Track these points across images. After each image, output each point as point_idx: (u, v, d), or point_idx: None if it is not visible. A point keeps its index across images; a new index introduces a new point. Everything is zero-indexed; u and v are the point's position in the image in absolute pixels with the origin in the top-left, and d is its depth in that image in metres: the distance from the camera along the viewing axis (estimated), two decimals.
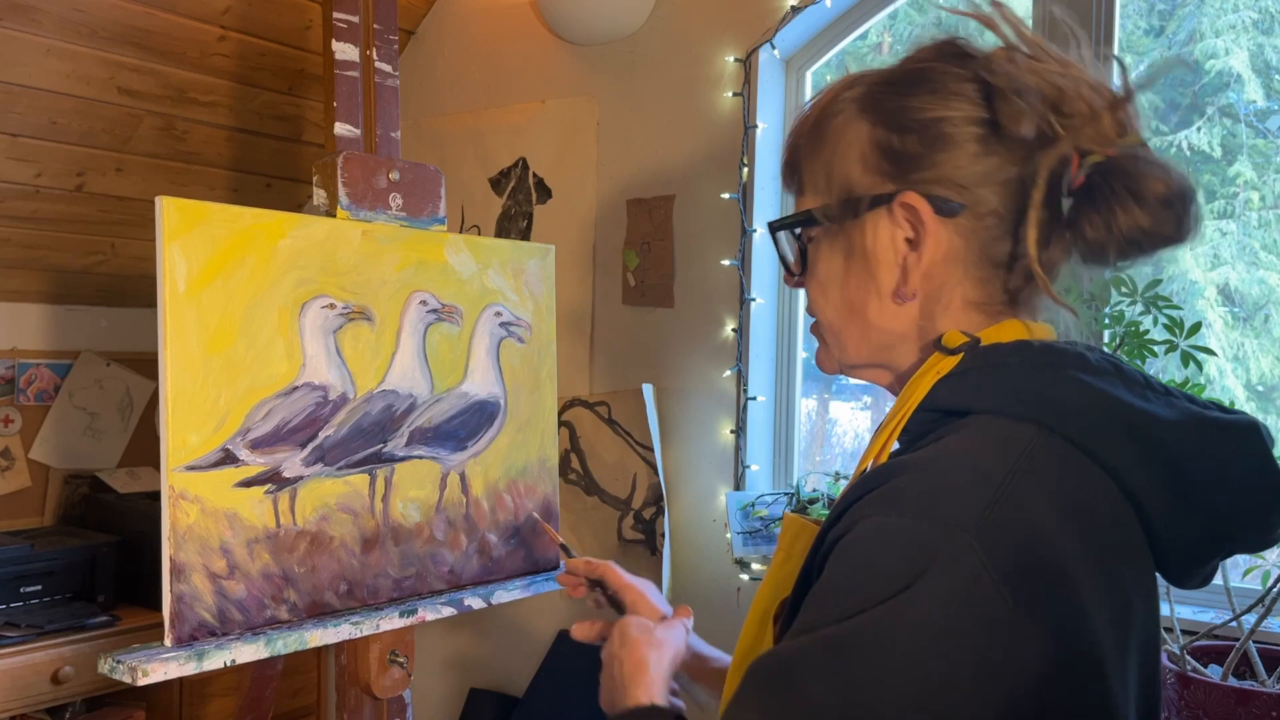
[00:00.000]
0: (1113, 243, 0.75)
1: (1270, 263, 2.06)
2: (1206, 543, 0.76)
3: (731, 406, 2.23)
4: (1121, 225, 0.74)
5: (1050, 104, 0.75)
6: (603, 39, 2.38)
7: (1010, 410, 0.73)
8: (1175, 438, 0.74)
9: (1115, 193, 0.74)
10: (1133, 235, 0.75)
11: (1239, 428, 0.76)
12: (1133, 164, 0.74)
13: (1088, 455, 0.72)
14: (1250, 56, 2.09)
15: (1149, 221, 0.74)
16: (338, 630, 1.43)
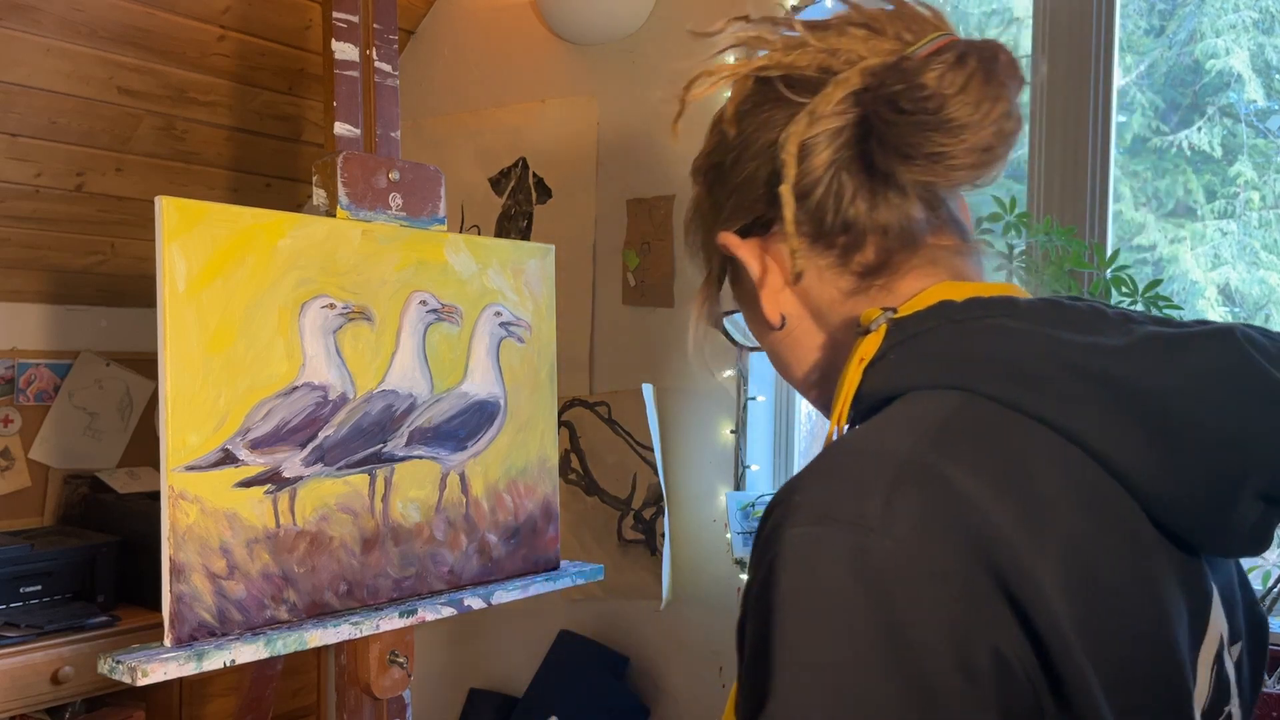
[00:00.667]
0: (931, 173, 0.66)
1: (1271, 263, 2.06)
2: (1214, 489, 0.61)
3: (731, 406, 2.23)
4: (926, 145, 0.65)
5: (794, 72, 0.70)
6: (603, 39, 2.38)
7: (935, 380, 0.64)
8: (1126, 367, 0.61)
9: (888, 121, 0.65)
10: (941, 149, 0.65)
11: (1206, 337, 0.63)
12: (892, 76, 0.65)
13: (1025, 414, 0.61)
14: (1251, 56, 2.09)
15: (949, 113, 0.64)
16: (337, 630, 1.43)
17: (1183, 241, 2.18)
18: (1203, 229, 2.16)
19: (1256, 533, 0.64)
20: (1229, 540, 0.63)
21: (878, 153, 0.67)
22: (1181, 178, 2.20)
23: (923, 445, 0.59)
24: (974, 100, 0.64)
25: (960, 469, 0.58)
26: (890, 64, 0.66)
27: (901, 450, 0.59)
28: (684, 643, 2.28)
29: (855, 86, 0.67)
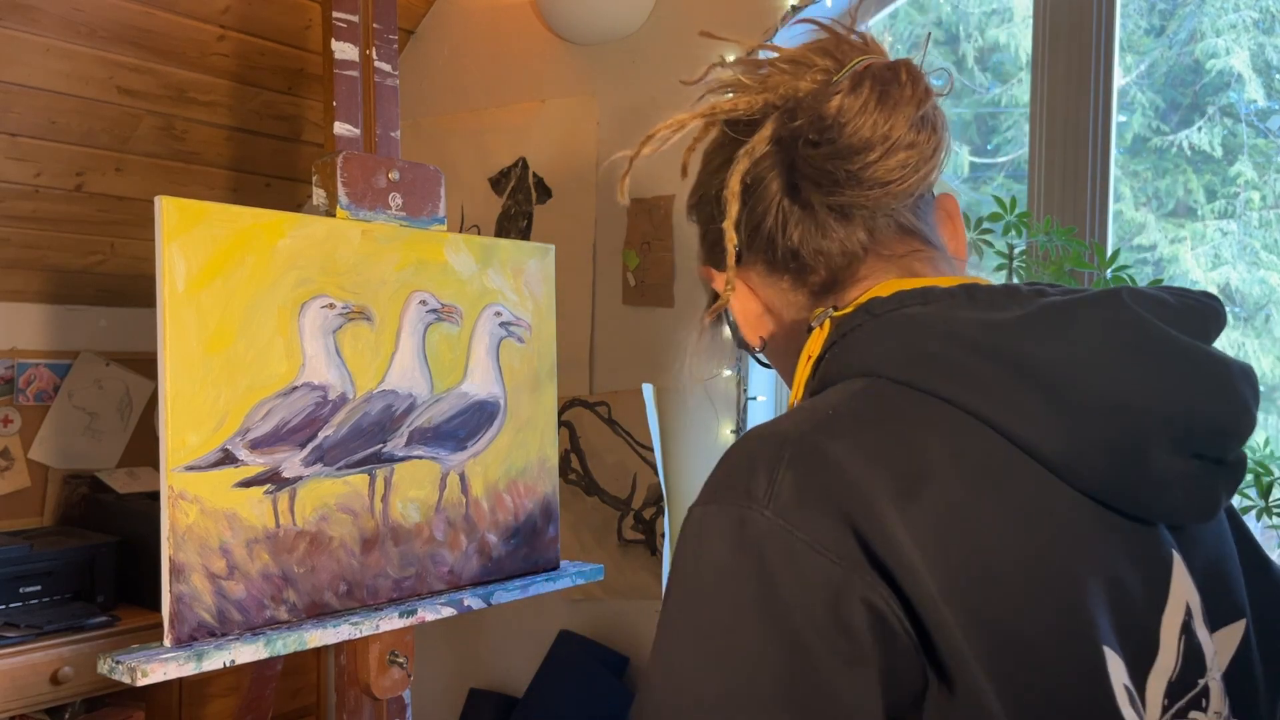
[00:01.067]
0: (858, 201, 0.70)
1: (1271, 263, 2.06)
2: (1118, 447, 0.61)
3: (731, 406, 2.23)
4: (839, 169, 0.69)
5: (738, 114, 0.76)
6: (603, 39, 2.38)
7: (852, 371, 0.67)
8: (1021, 338, 0.62)
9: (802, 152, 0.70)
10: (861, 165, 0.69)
11: (1093, 302, 0.64)
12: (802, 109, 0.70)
13: (926, 393, 0.63)
14: (1251, 56, 2.09)
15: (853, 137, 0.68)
16: (337, 630, 1.43)
17: (1183, 241, 2.18)
18: (1203, 229, 2.16)
19: (1191, 493, 0.64)
20: (1156, 503, 0.64)
21: (801, 185, 0.71)
22: (1182, 178, 2.20)
23: (807, 425, 0.62)
24: (871, 120, 0.68)
25: (839, 444, 0.60)
26: (799, 98, 0.71)
27: (791, 431, 0.62)
28: None
29: (773, 125, 0.72)
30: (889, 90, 0.69)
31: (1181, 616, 0.66)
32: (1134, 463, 0.62)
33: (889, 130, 0.68)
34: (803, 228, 0.73)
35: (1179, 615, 0.66)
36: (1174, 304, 0.66)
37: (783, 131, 0.72)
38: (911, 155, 0.69)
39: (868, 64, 0.70)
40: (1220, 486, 0.66)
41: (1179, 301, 0.67)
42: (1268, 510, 1.56)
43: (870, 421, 0.63)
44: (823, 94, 0.69)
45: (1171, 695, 0.65)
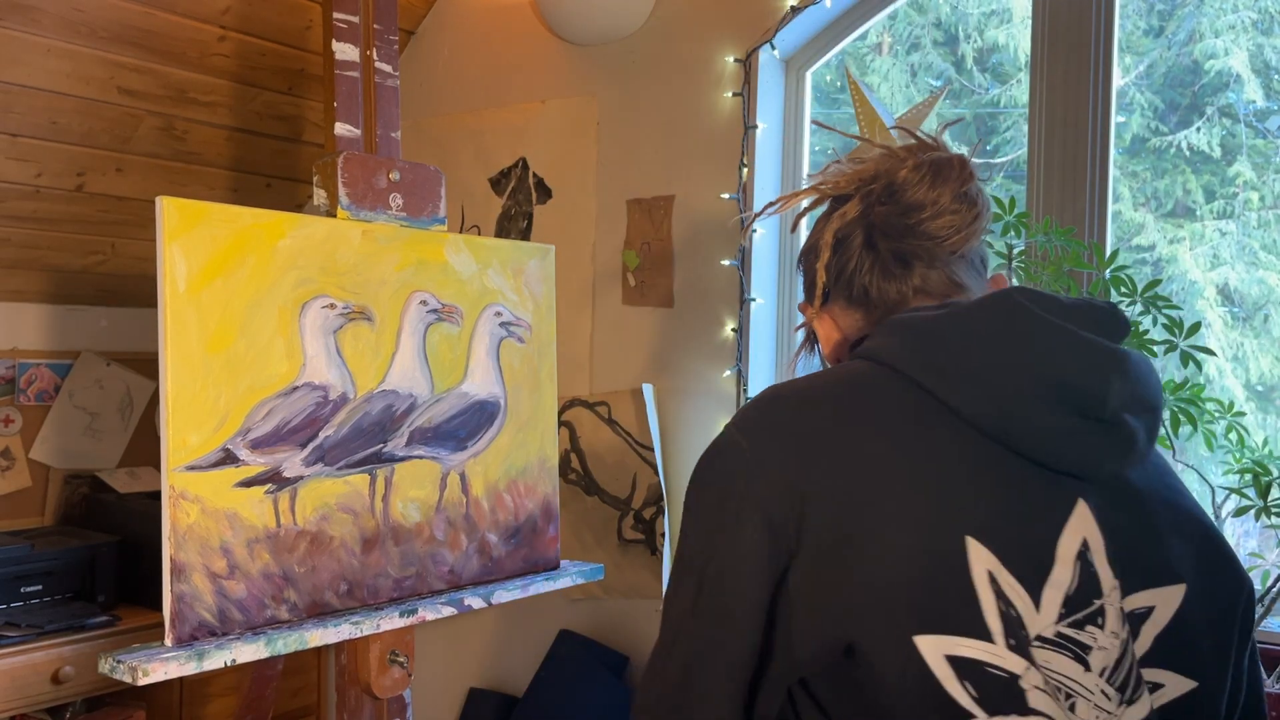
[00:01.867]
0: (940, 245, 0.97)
1: (1270, 263, 2.06)
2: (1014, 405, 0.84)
3: (731, 406, 2.23)
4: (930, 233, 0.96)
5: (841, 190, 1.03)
6: (603, 39, 2.38)
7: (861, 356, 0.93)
8: (940, 326, 0.88)
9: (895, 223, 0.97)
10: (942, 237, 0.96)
11: (993, 298, 0.88)
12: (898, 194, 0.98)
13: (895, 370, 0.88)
14: (1250, 56, 2.09)
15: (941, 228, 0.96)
16: (338, 630, 1.44)
17: (1182, 241, 2.19)
18: (1202, 229, 2.17)
19: (1073, 446, 0.84)
20: (1042, 450, 0.84)
21: (874, 235, 0.98)
22: (1181, 178, 2.20)
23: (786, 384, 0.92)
24: (925, 189, 0.96)
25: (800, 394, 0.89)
26: (882, 176, 0.99)
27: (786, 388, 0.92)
28: None
29: (862, 195, 0.99)
30: (941, 171, 0.96)
31: (1078, 546, 0.83)
32: (1014, 414, 0.84)
33: (937, 197, 0.95)
34: (873, 273, 0.99)
35: (1075, 544, 0.83)
36: (1065, 301, 0.89)
37: (868, 197, 0.98)
38: (954, 219, 0.96)
39: (932, 155, 0.97)
40: (1102, 445, 0.85)
41: (1071, 301, 0.89)
42: (1267, 510, 1.57)
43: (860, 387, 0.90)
44: (896, 169, 0.97)
45: (1068, 606, 0.82)
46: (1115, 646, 0.83)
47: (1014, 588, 0.81)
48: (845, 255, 1.00)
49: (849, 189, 1.01)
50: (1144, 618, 0.85)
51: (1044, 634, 0.81)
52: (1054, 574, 0.82)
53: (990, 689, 0.79)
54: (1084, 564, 0.83)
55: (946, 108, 2.47)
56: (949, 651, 0.79)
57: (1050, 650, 0.81)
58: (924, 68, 2.71)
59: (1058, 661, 0.81)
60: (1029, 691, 0.80)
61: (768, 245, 2.28)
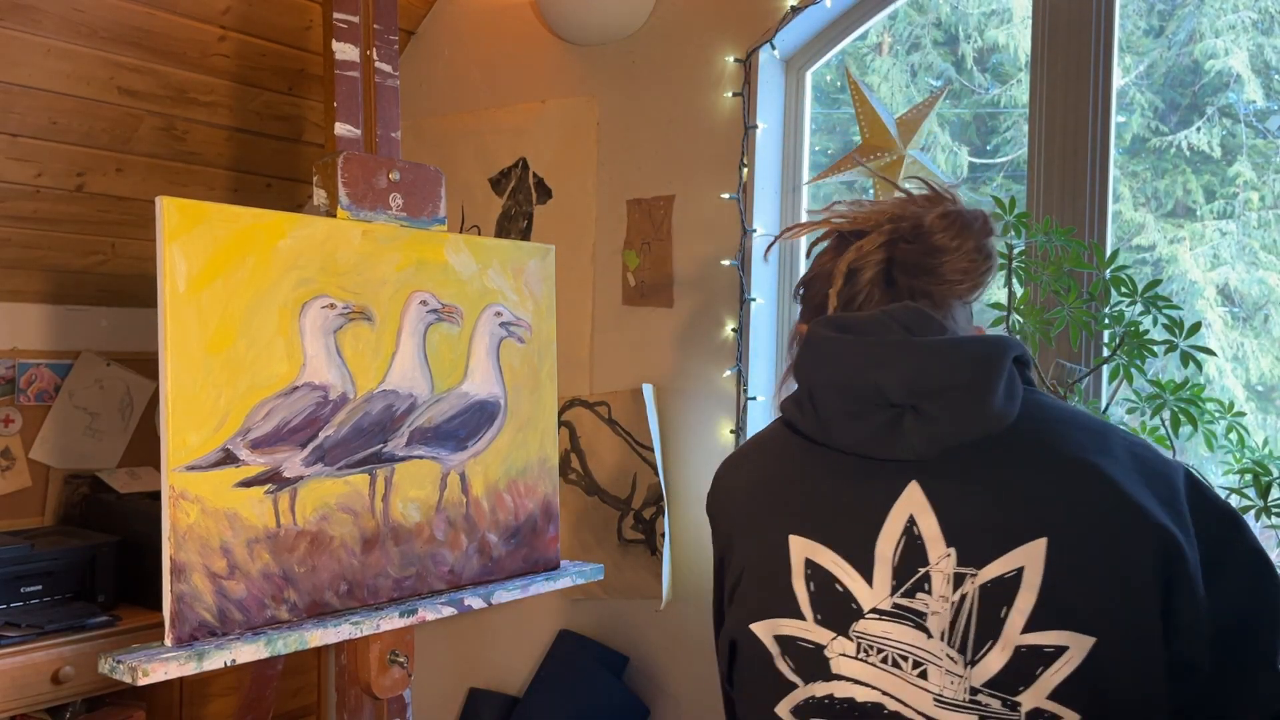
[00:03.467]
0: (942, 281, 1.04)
1: (1270, 263, 2.06)
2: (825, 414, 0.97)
3: (731, 406, 2.23)
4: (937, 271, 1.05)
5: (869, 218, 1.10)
6: (603, 39, 2.38)
7: None
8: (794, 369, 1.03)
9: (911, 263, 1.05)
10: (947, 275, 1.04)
11: (805, 338, 1.01)
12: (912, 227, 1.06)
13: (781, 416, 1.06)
14: (1250, 56, 2.09)
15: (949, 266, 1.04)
16: (338, 630, 1.44)
17: (1182, 242, 2.19)
18: (1202, 229, 2.16)
19: (890, 435, 0.93)
20: (867, 446, 0.95)
21: (895, 271, 1.04)
22: (1181, 178, 2.20)
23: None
24: (951, 235, 1.03)
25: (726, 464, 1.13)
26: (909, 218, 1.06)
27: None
28: (684, 642, 2.28)
29: (887, 232, 1.06)
30: (969, 224, 1.04)
31: (903, 523, 0.92)
32: (828, 422, 0.96)
33: (959, 245, 1.03)
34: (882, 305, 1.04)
35: (901, 522, 0.92)
36: (862, 317, 0.99)
37: (892, 235, 1.05)
38: (971, 267, 1.03)
39: (959, 208, 1.06)
40: (903, 431, 0.93)
41: (870, 315, 0.99)
42: (1266, 510, 1.57)
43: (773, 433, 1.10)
44: (924, 213, 1.05)
45: (897, 578, 0.91)
46: (947, 610, 0.89)
47: (842, 568, 0.93)
48: (854, 286, 1.06)
49: (868, 225, 1.08)
50: (1015, 581, 0.88)
51: (881, 607, 0.91)
52: (878, 550, 0.92)
53: (803, 660, 0.93)
54: (909, 538, 0.91)
55: (946, 108, 2.47)
56: (776, 632, 0.95)
57: (890, 622, 0.91)
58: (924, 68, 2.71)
59: (899, 632, 0.90)
60: (833, 659, 0.92)
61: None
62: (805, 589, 0.93)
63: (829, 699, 0.92)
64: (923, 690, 0.88)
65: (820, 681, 0.92)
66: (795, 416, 1.01)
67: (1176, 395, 1.62)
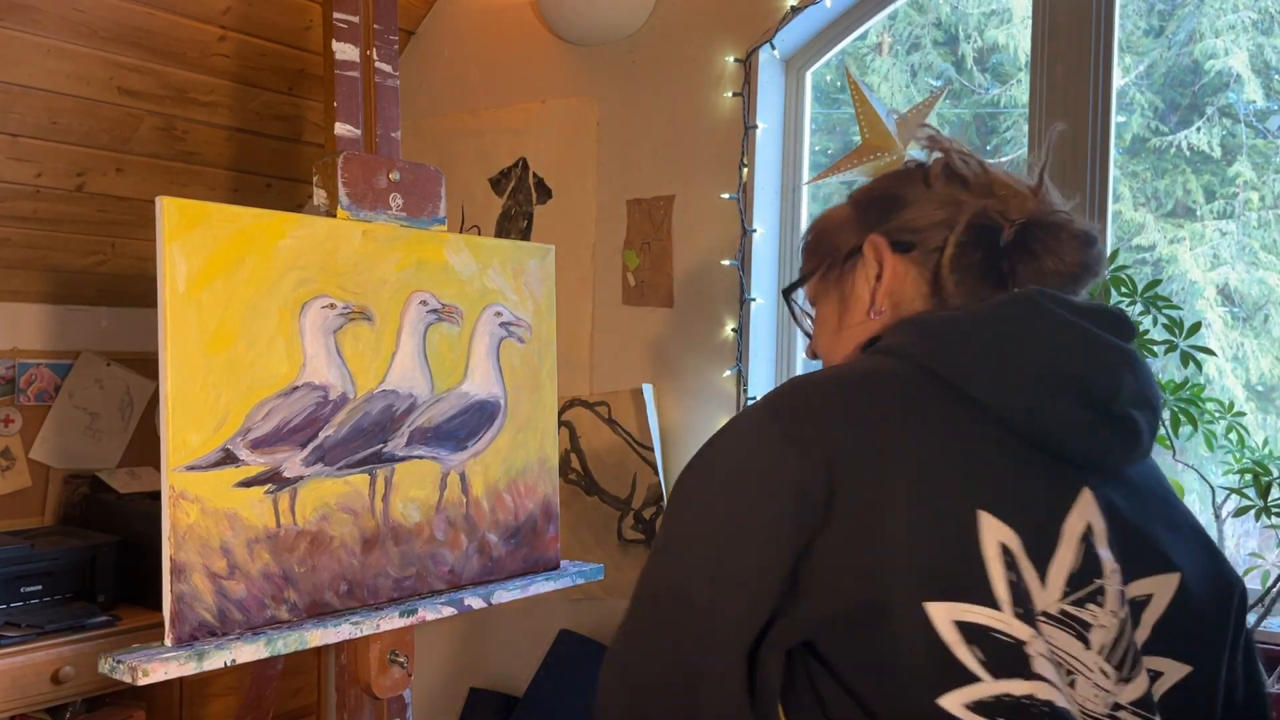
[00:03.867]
0: (1049, 276, 0.97)
1: (1270, 263, 2.06)
2: (1040, 399, 0.88)
3: (731, 406, 2.23)
4: (1047, 265, 0.97)
5: (980, 183, 1.02)
6: (603, 39, 2.38)
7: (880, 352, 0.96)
8: (972, 327, 0.91)
9: (1038, 239, 0.98)
10: (1059, 266, 0.97)
11: (1018, 297, 0.93)
12: (1048, 219, 0.99)
13: (920, 364, 0.91)
14: (1250, 56, 2.09)
15: (1068, 256, 0.97)
16: (338, 630, 1.44)
17: (1182, 242, 2.19)
18: (1202, 229, 2.16)
19: (1105, 441, 0.90)
20: (1069, 442, 0.89)
21: (1009, 254, 0.98)
22: (1181, 178, 2.20)
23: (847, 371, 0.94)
24: (1080, 257, 0.98)
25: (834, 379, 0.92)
26: (1048, 214, 1.00)
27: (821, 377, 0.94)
28: None
29: (1019, 213, 0.99)
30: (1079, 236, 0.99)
31: (1082, 529, 0.88)
32: (1034, 406, 0.88)
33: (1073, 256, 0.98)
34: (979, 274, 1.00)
35: (1080, 527, 0.88)
36: (1079, 303, 0.94)
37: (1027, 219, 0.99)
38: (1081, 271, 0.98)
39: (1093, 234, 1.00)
40: (1111, 438, 0.90)
41: (1085, 303, 0.95)
42: (1267, 510, 1.57)
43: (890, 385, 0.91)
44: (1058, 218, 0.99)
45: (1071, 584, 0.86)
46: (1114, 625, 0.87)
47: (1024, 562, 0.86)
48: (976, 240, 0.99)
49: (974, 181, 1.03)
50: (1144, 605, 0.90)
51: (1049, 610, 0.86)
52: (1059, 553, 0.87)
53: (997, 653, 0.84)
54: (1087, 546, 0.88)
55: (946, 108, 2.47)
56: (957, 617, 0.84)
57: (1054, 626, 0.86)
58: (924, 68, 2.71)
59: (1060, 638, 0.86)
60: (1034, 658, 0.84)
61: (768, 245, 2.28)
62: (1004, 576, 0.85)
63: (1029, 699, 0.84)
64: (1072, 699, 0.87)
65: (1020, 680, 0.84)
66: (969, 379, 0.90)
67: (1176, 395, 1.62)
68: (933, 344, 0.92)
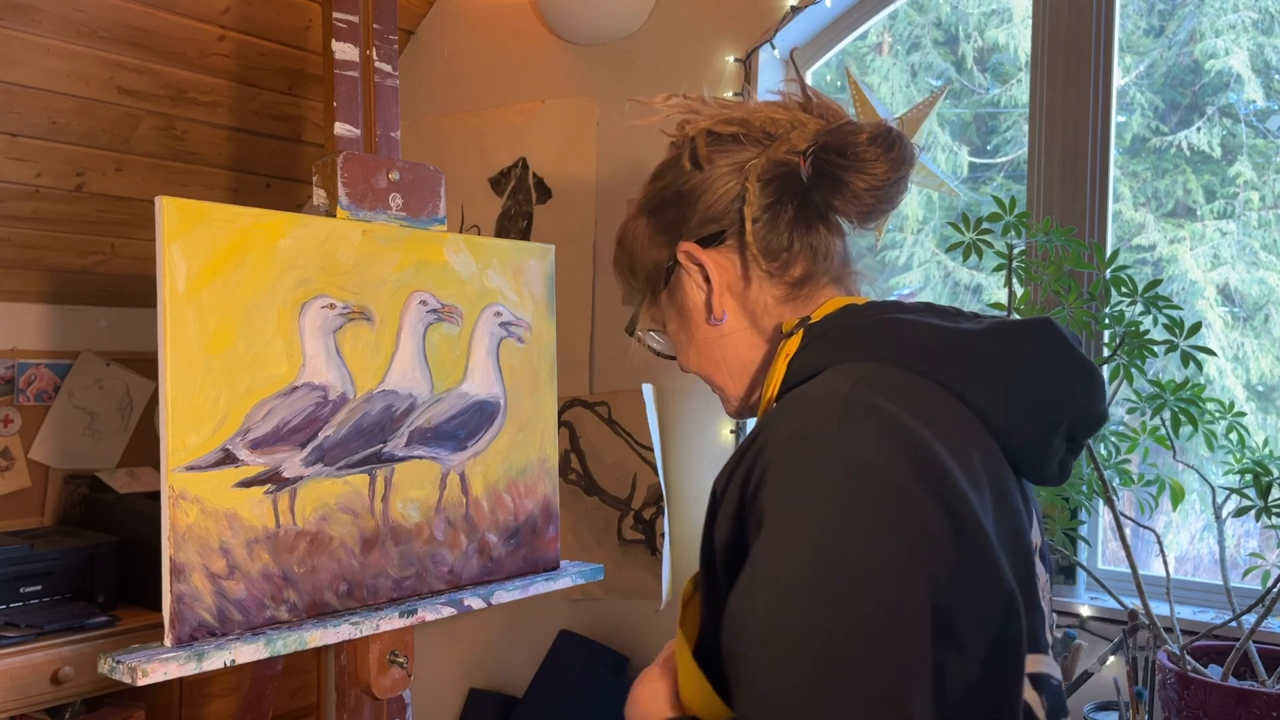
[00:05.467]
0: (859, 200, 0.90)
1: (1270, 263, 2.06)
2: (1038, 425, 0.86)
3: None
4: (855, 185, 0.89)
5: (748, 131, 0.94)
6: (603, 39, 2.38)
7: (849, 356, 0.86)
8: (984, 343, 0.86)
9: (834, 164, 0.90)
10: (872, 181, 0.89)
11: (1032, 324, 0.88)
12: (837, 136, 0.91)
13: (917, 372, 0.84)
14: (1250, 56, 2.09)
15: (873, 167, 0.89)
16: (338, 630, 1.43)
17: (1182, 241, 2.18)
18: (1202, 229, 2.16)
19: (1062, 466, 0.90)
20: (1044, 469, 0.88)
21: (817, 189, 0.91)
22: (1181, 178, 2.20)
23: (858, 388, 0.80)
24: (887, 162, 0.89)
25: (890, 404, 0.79)
26: (834, 129, 0.92)
27: (841, 391, 0.80)
28: None
29: (804, 141, 0.92)
30: (896, 146, 0.90)
31: (1039, 544, 0.89)
32: (1047, 438, 0.86)
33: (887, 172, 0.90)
34: (803, 225, 0.94)
35: (1037, 541, 0.89)
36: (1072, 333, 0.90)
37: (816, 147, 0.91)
38: (887, 194, 0.91)
39: (881, 124, 0.92)
40: (1067, 461, 0.91)
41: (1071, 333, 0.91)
42: (1267, 510, 1.57)
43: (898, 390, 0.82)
44: (855, 130, 0.91)
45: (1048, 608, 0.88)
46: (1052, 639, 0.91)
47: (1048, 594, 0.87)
48: (763, 200, 0.92)
49: (752, 128, 0.94)
50: None
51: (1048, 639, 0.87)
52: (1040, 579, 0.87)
53: (1053, 698, 0.83)
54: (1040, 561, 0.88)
55: (946, 108, 2.47)
56: (1031, 669, 0.80)
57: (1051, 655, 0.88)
58: (924, 68, 2.71)
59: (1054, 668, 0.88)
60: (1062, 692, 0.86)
61: None
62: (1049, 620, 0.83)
63: None
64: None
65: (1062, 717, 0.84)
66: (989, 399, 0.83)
67: (1177, 395, 1.62)
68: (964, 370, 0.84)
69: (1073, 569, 1.93)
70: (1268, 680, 1.55)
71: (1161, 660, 1.59)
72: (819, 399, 0.80)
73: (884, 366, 0.84)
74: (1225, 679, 1.53)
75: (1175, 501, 1.67)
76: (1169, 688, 1.54)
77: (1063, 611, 1.89)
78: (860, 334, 0.88)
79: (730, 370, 0.98)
